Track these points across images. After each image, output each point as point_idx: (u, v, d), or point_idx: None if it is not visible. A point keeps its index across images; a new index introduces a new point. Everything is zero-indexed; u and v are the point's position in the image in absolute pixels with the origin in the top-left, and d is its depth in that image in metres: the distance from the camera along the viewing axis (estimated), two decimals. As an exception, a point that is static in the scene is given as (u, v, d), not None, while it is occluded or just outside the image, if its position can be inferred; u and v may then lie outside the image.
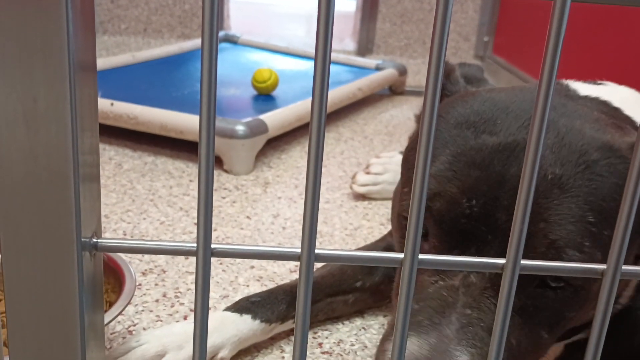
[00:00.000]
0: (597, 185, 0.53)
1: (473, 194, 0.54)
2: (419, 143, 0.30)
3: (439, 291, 0.54)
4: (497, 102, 0.60)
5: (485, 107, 0.59)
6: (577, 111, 0.60)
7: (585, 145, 0.55)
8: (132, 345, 0.73)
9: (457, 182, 0.55)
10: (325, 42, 0.28)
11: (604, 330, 0.33)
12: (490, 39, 2.67)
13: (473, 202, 0.54)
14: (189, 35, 2.74)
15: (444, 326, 0.52)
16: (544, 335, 0.56)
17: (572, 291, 0.54)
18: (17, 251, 0.30)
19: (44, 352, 0.33)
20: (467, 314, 0.52)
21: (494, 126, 0.57)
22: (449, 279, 0.55)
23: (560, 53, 0.29)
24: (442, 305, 0.53)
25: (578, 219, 0.52)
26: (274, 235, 1.13)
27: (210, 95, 0.29)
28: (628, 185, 0.30)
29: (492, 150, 0.55)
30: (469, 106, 0.60)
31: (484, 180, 0.54)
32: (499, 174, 0.54)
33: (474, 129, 0.57)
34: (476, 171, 0.54)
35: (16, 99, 0.28)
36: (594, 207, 0.53)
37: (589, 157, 0.54)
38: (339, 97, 1.76)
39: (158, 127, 1.43)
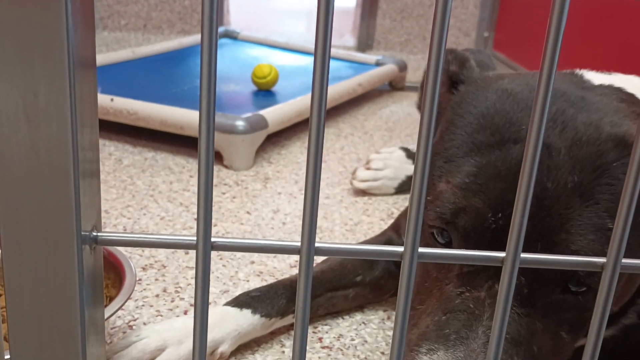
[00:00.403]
0: (614, 189, 0.53)
1: (499, 208, 0.54)
2: (419, 137, 0.30)
3: (466, 303, 0.54)
4: (519, 99, 0.58)
5: (507, 106, 0.58)
6: (595, 103, 0.59)
7: (602, 144, 0.55)
8: (133, 339, 0.73)
9: (483, 195, 0.54)
10: (325, 37, 0.28)
11: (604, 325, 0.33)
12: (490, 35, 2.66)
13: (499, 215, 0.53)
14: (189, 31, 2.74)
15: (471, 340, 0.52)
16: (565, 339, 0.56)
17: (593, 295, 0.53)
18: (17, 245, 0.30)
19: (44, 347, 0.33)
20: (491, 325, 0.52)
21: (519, 132, 0.56)
22: (475, 290, 0.54)
23: (561, 49, 0.29)
24: (469, 319, 0.53)
25: (598, 228, 0.52)
26: (274, 231, 1.13)
27: (210, 91, 0.29)
28: (629, 177, 0.30)
29: (517, 160, 0.54)
30: (491, 105, 0.58)
31: (509, 192, 0.53)
32: None
33: (499, 135, 0.56)
34: (502, 183, 0.54)
35: (17, 94, 0.28)
36: (612, 213, 0.53)
37: (605, 158, 0.54)
38: (339, 93, 1.76)
39: (158, 122, 1.43)
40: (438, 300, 0.56)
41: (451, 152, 0.59)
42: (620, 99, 0.62)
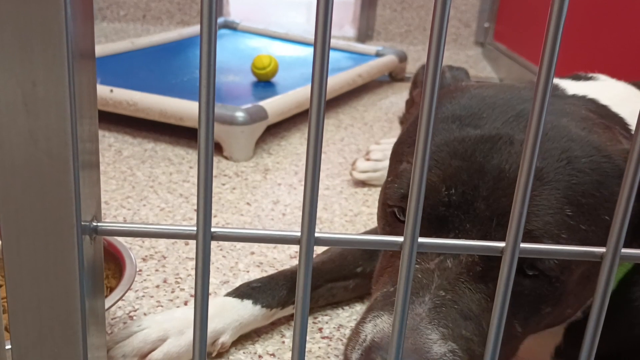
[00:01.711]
0: (577, 180, 0.54)
1: (452, 183, 0.55)
2: (419, 127, 0.30)
3: (415, 274, 0.55)
4: (484, 97, 0.60)
5: (473, 102, 0.60)
6: (564, 109, 0.60)
7: (569, 141, 0.55)
8: (134, 330, 0.73)
9: (438, 171, 0.55)
10: (325, 28, 0.28)
11: (603, 313, 0.33)
12: (491, 26, 2.65)
13: (452, 190, 0.55)
14: (188, 22, 2.73)
15: (417, 305, 0.52)
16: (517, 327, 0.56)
17: (547, 282, 0.54)
18: (18, 235, 0.30)
19: (45, 337, 0.33)
20: (441, 295, 0.53)
21: (479, 120, 0.57)
22: (425, 262, 0.55)
23: (561, 39, 0.29)
24: (416, 287, 0.54)
25: (556, 211, 0.53)
26: (274, 222, 1.13)
27: (210, 82, 0.29)
28: (628, 169, 0.30)
29: (474, 141, 0.56)
30: (457, 101, 0.60)
31: (464, 170, 0.54)
32: (480, 165, 0.54)
33: (459, 122, 0.58)
34: (457, 161, 0.55)
35: (15, 82, 0.28)
36: (572, 201, 0.53)
37: (571, 153, 0.55)
38: (338, 84, 1.76)
39: (157, 113, 1.43)
40: (389, 275, 0.58)
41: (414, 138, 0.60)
42: (590, 109, 0.63)
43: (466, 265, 0.54)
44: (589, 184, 0.54)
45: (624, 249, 0.32)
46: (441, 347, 0.51)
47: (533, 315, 0.56)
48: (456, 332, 0.52)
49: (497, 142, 0.55)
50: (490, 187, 0.53)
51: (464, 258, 0.54)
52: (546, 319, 0.58)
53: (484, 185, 0.54)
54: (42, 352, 0.33)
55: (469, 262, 0.54)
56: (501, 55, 2.37)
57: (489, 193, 0.53)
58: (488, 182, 0.54)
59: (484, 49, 2.67)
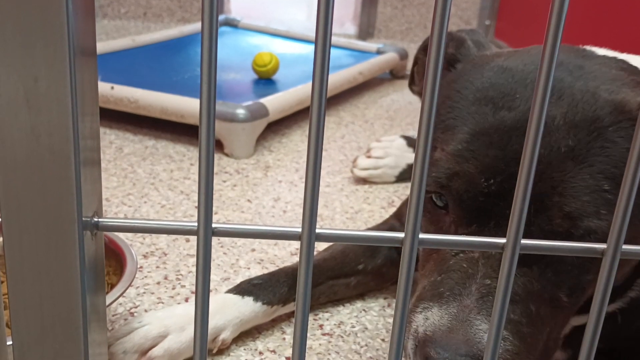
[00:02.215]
0: (609, 152, 0.54)
1: (491, 174, 0.55)
2: (419, 127, 0.30)
3: (460, 263, 0.56)
4: (514, 72, 0.59)
5: (503, 80, 0.59)
6: (593, 72, 0.59)
7: (598, 110, 0.55)
8: (135, 326, 0.73)
9: (475, 162, 0.56)
10: (326, 25, 0.28)
11: (603, 310, 0.33)
12: (491, 23, 2.65)
13: (491, 181, 0.55)
14: (189, 19, 2.73)
15: (465, 296, 0.54)
16: (563, 299, 0.57)
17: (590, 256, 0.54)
18: (19, 231, 0.30)
19: (46, 333, 0.33)
20: (487, 284, 0.54)
21: (513, 101, 0.57)
22: (469, 251, 0.56)
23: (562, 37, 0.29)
24: (462, 277, 0.55)
25: (593, 190, 0.53)
26: (274, 219, 1.13)
27: (211, 79, 0.29)
28: (629, 164, 0.30)
29: (510, 127, 0.56)
30: (487, 79, 0.60)
31: (501, 159, 0.55)
32: (516, 152, 0.55)
33: (492, 105, 0.57)
34: (494, 150, 0.55)
35: (17, 78, 0.28)
36: (608, 175, 0.53)
37: (600, 123, 0.54)
38: (339, 81, 1.76)
39: (158, 110, 1.43)
40: (435, 263, 0.59)
41: (447, 123, 0.60)
42: (620, 68, 0.62)
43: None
44: (620, 154, 0.54)
45: (625, 245, 0.32)
46: None
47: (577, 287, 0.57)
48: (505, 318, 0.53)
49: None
50: None
51: None
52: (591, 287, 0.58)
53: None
54: (44, 348, 0.33)
55: None
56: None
57: None
58: None
59: (485, 46, 2.66)
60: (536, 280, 0.55)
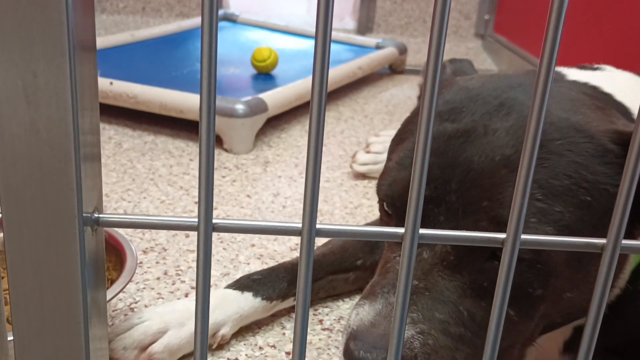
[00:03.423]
0: (549, 163, 0.54)
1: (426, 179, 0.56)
2: (420, 119, 0.30)
3: (395, 266, 0.59)
4: (470, 90, 0.61)
5: (457, 96, 0.61)
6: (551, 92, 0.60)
7: (547, 125, 0.56)
8: (135, 322, 0.73)
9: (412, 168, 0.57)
10: (326, 20, 0.28)
11: (603, 306, 0.33)
12: (491, 17, 2.65)
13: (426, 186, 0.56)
14: (188, 14, 2.72)
15: (391, 295, 0.56)
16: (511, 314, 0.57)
17: (525, 265, 0.55)
18: (19, 226, 0.30)
19: (47, 329, 0.33)
20: (414, 284, 0.56)
21: (459, 114, 0.59)
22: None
23: (562, 31, 0.29)
24: (394, 277, 0.58)
25: None
26: (274, 214, 1.13)
27: (211, 74, 0.29)
28: (629, 159, 0.30)
29: (449, 137, 0.57)
30: (442, 97, 0.62)
31: (436, 166, 0.56)
32: (452, 159, 0.56)
33: (439, 118, 0.59)
34: (432, 157, 0.57)
35: (16, 72, 0.28)
36: (543, 185, 0.54)
37: (546, 136, 0.55)
38: (339, 76, 1.75)
39: (158, 106, 1.42)
40: (380, 265, 0.62)
41: (402, 137, 0.65)
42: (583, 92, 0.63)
43: (440, 255, 0.56)
44: (563, 166, 0.54)
45: (625, 240, 0.32)
46: (409, 331, 0.54)
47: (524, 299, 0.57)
48: (427, 314, 0.55)
49: (471, 135, 0.57)
50: (460, 180, 0.55)
51: (439, 249, 0.56)
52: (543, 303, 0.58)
53: (455, 179, 0.56)
54: (44, 343, 0.33)
55: (443, 253, 0.56)
56: (501, 47, 2.37)
57: (458, 186, 0.55)
58: (458, 175, 0.56)
59: (484, 41, 2.66)
60: (468, 286, 0.56)
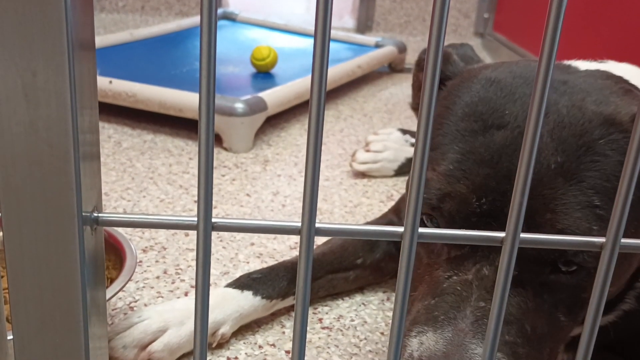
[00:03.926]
0: (599, 166, 0.53)
1: (482, 193, 0.55)
2: (419, 117, 0.30)
3: (453, 286, 0.55)
4: (502, 86, 0.59)
5: (491, 94, 0.58)
6: (578, 85, 0.59)
7: (586, 123, 0.55)
8: (134, 320, 0.73)
9: (467, 181, 0.55)
10: (325, 19, 0.28)
11: (602, 304, 0.33)
12: (490, 16, 2.65)
13: (482, 200, 0.55)
14: (187, 13, 2.72)
15: (459, 320, 0.53)
16: (561, 318, 0.57)
17: (585, 273, 0.54)
18: (19, 226, 0.30)
19: (46, 328, 0.33)
20: (481, 306, 0.53)
21: (502, 117, 0.57)
22: (463, 273, 0.55)
23: (561, 30, 0.29)
24: (456, 300, 0.54)
25: (584, 205, 0.53)
26: (273, 213, 1.13)
27: (210, 73, 0.29)
28: (629, 156, 0.30)
29: (500, 145, 0.55)
30: (475, 93, 0.59)
31: (492, 178, 0.54)
32: (507, 169, 0.54)
33: (482, 122, 0.57)
34: (485, 169, 0.55)
35: (15, 72, 0.28)
36: (599, 190, 0.53)
37: (589, 136, 0.54)
38: (338, 75, 1.75)
39: (157, 105, 1.42)
40: (428, 286, 0.58)
41: (437, 141, 0.60)
42: (606, 77, 0.62)
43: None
44: (611, 167, 0.53)
45: (624, 238, 0.32)
46: None
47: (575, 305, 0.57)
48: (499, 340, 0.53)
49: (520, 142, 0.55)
50: None
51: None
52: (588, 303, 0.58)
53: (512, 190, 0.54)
54: (44, 342, 0.33)
55: None
56: (501, 46, 2.37)
57: None
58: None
59: (484, 39, 2.66)
60: (531, 300, 0.55)
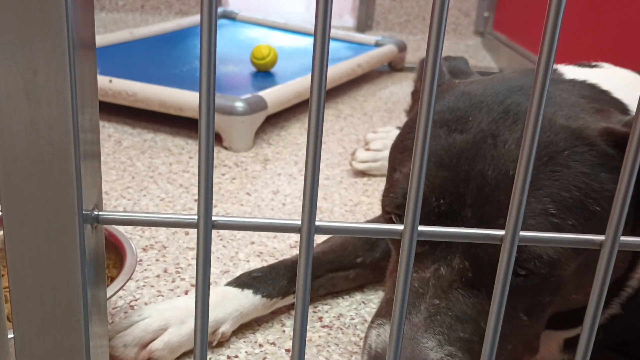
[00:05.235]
0: (559, 176, 0.54)
1: (441, 194, 0.56)
2: (419, 116, 0.31)
3: (412, 283, 0.57)
4: (472, 96, 0.60)
5: (460, 103, 0.60)
6: (553, 97, 0.60)
7: (552, 135, 0.56)
8: (135, 319, 0.73)
9: (427, 182, 0.57)
10: (325, 18, 0.28)
11: (601, 303, 0.33)
12: (490, 15, 2.65)
13: (441, 201, 0.56)
14: (187, 12, 2.72)
15: (413, 315, 0.55)
16: (523, 318, 0.58)
17: (540, 278, 0.55)
18: (20, 224, 0.30)
19: (47, 326, 0.33)
20: (436, 303, 0.55)
21: (466, 124, 0.58)
22: (422, 271, 0.57)
23: (560, 29, 0.29)
24: (413, 297, 0.56)
25: (538, 213, 0.54)
26: (273, 212, 1.13)
27: (210, 72, 0.29)
28: (628, 155, 0.30)
29: (460, 149, 0.57)
30: (445, 103, 0.61)
31: (450, 180, 0.56)
32: (465, 173, 0.56)
33: (446, 128, 0.58)
34: (444, 171, 0.56)
35: (16, 70, 0.28)
36: (555, 199, 0.54)
37: (554, 147, 0.55)
38: (338, 74, 1.75)
39: (157, 104, 1.42)
40: (393, 281, 0.60)
41: (405, 144, 0.64)
42: (582, 95, 0.62)
43: (458, 272, 0.56)
44: (572, 177, 0.54)
45: (623, 236, 0.32)
46: (437, 353, 0.54)
47: (536, 305, 0.58)
48: (452, 335, 0.55)
49: (482, 147, 0.56)
50: (474, 195, 0.55)
51: (457, 265, 0.56)
52: (552, 306, 0.59)
53: (469, 193, 0.55)
54: (45, 340, 0.33)
55: (461, 269, 0.56)
56: (501, 44, 2.37)
57: (473, 200, 0.55)
58: (472, 189, 0.55)
59: (484, 38, 2.66)
60: (486, 301, 0.56)
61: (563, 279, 0.56)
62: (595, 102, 0.62)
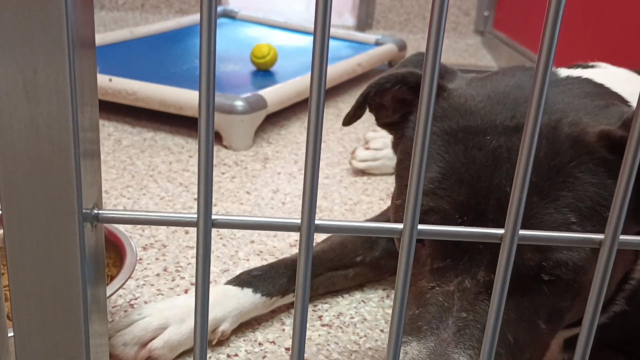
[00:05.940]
0: (571, 187, 0.55)
1: (464, 211, 0.57)
2: (418, 117, 0.31)
3: (436, 296, 0.57)
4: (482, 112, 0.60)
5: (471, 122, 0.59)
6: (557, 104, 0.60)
7: (558, 145, 0.56)
8: (135, 318, 0.73)
9: (450, 199, 0.57)
10: (325, 17, 0.28)
11: (600, 302, 0.33)
12: (490, 14, 2.64)
13: (464, 217, 0.57)
14: (187, 11, 2.72)
15: (442, 330, 0.55)
16: (541, 326, 0.58)
17: (564, 284, 0.56)
18: (20, 222, 0.30)
19: (47, 324, 0.33)
20: (463, 317, 0.55)
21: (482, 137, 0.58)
22: (445, 284, 0.57)
23: (560, 27, 0.29)
24: (439, 311, 0.56)
25: (560, 223, 0.54)
26: (273, 210, 1.13)
27: (210, 71, 0.29)
28: (627, 155, 0.30)
29: (479, 165, 0.57)
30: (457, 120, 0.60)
31: (472, 197, 0.56)
32: (486, 189, 0.56)
33: (463, 146, 0.58)
34: (466, 188, 0.57)
35: (16, 69, 0.28)
36: (573, 209, 0.54)
37: (560, 158, 0.55)
38: (338, 73, 1.75)
39: (157, 102, 1.42)
40: (413, 296, 0.59)
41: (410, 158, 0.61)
42: (584, 94, 0.62)
43: (483, 283, 0.56)
44: (583, 188, 0.55)
45: (623, 235, 0.32)
46: None
47: (554, 313, 0.58)
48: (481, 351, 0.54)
49: (498, 160, 0.56)
50: (495, 210, 0.56)
51: (481, 277, 0.56)
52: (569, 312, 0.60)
53: (490, 209, 0.56)
54: (45, 339, 0.33)
55: (486, 281, 0.56)
56: (501, 43, 2.37)
57: (494, 216, 0.56)
58: (493, 204, 0.56)
59: (484, 37, 2.66)
60: (512, 310, 0.56)
61: (584, 284, 0.56)
62: (599, 98, 0.62)
